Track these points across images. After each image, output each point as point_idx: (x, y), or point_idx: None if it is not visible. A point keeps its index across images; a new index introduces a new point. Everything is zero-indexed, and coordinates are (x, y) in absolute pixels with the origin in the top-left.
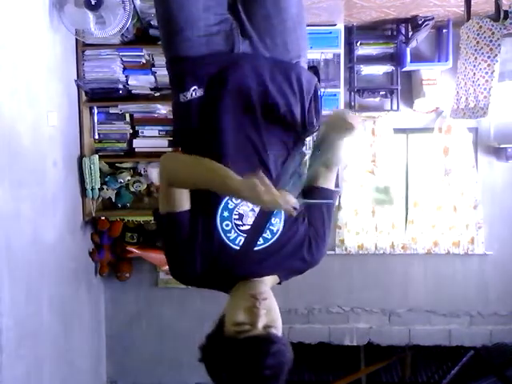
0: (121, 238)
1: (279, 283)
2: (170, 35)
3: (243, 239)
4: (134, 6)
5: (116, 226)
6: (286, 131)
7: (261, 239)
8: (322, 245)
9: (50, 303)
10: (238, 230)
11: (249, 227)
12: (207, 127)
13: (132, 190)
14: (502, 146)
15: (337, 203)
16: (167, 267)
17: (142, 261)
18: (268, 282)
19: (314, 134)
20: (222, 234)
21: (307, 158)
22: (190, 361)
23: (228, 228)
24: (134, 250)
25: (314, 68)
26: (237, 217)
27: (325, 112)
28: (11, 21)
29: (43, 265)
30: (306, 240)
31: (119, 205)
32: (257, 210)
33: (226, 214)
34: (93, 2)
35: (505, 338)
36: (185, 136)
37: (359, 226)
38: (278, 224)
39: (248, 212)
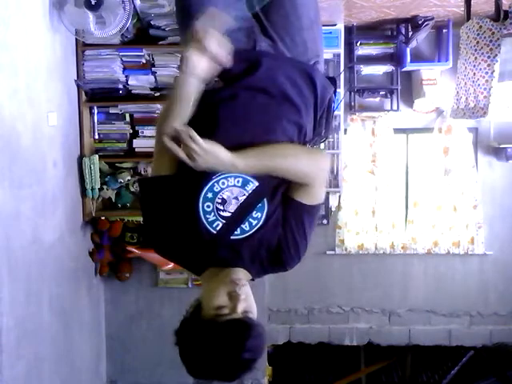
0: (121, 238)
1: (252, 280)
2: (188, 30)
3: (221, 225)
4: (134, 6)
5: (116, 226)
6: (294, 132)
7: (238, 230)
8: (295, 252)
9: (50, 303)
10: (218, 214)
11: (229, 214)
12: (210, 116)
13: (132, 190)
14: (501, 146)
15: (336, 203)
16: (167, 267)
17: (142, 261)
18: (241, 273)
19: (320, 143)
20: (202, 214)
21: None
22: None
23: (209, 210)
24: (134, 249)
25: (332, 79)
26: (219, 201)
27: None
28: (11, 21)
29: (43, 265)
30: (280, 243)
31: (119, 205)
32: (241, 199)
33: (209, 195)
34: (93, 2)
35: (505, 338)
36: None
37: (359, 225)
38: (259, 218)
39: (231, 199)
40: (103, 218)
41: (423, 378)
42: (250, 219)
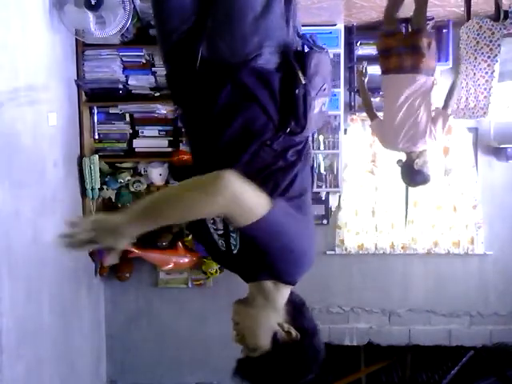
0: None
1: (293, 284)
2: (159, 51)
3: (223, 243)
4: (134, 6)
5: None
6: (243, 138)
7: (231, 245)
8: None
9: (50, 303)
10: (217, 233)
11: (222, 232)
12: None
13: (132, 189)
14: (501, 146)
15: (336, 203)
16: (167, 267)
17: (142, 261)
18: (262, 288)
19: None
20: (213, 236)
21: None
22: (189, 361)
23: (211, 231)
24: (134, 250)
25: (299, 53)
26: (212, 221)
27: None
28: (11, 21)
29: (43, 265)
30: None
31: (119, 205)
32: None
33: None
34: (93, 2)
35: (505, 338)
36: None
37: (359, 226)
38: (235, 231)
39: (216, 217)
40: None
41: (423, 378)
42: (231, 233)
